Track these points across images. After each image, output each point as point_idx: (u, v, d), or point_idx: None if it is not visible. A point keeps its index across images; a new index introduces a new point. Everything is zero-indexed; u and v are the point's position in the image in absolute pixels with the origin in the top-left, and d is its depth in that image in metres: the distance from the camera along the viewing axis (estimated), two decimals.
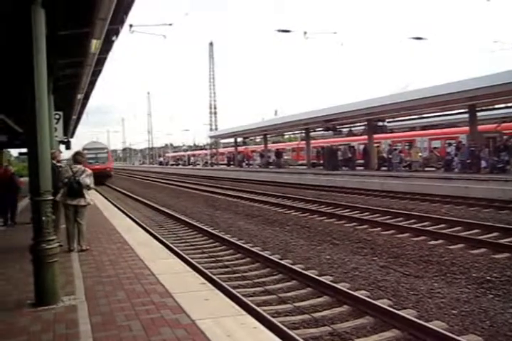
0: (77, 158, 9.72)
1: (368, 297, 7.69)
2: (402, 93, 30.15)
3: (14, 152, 55.51)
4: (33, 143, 5.62)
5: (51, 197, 5.73)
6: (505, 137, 26.56)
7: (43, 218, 5.54)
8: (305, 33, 21.27)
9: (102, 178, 39.60)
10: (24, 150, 33.79)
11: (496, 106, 33.66)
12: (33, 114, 5.54)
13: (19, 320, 5.13)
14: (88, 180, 9.27)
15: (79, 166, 9.38)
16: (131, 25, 20.87)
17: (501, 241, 11.66)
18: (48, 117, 5.98)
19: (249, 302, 7.30)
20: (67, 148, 28.07)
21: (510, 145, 25.10)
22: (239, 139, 60.65)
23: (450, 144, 29.48)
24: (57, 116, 16.21)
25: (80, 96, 18.44)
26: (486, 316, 6.92)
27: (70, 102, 19.45)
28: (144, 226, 15.13)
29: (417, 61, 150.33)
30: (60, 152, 19.52)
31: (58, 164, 10.60)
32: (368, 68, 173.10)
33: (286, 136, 72.80)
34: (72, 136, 40.85)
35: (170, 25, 23.15)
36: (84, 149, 39.04)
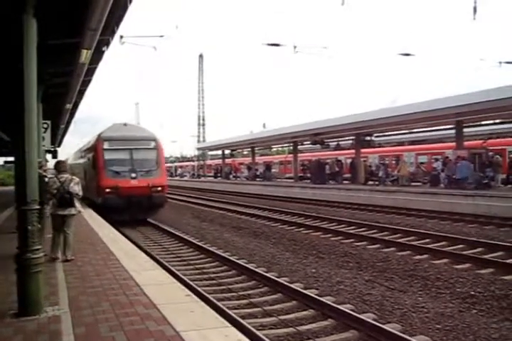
0: (60, 166, 9.63)
1: (353, 311, 7.71)
2: (389, 108, 30.36)
3: (0, 160, 53.12)
4: (20, 152, 5.60)
5: (37, 207, 5.70)
6: (490, 153, 26.80)
7: (29, 227, 5.50)
8: (295, 47, 21.44)
9: (145, 210, 19.56)
10: (11, 158, 33.50)
11: (483, 122, 33.98)
12: (22, 123, 5.53)
13: (1, 331, 5.06)
14: (77, 188, 9.21)
15: (65, 175, 9.32)
16: (121, 36, 20.87)
17: (486, 256, 11.75)
18: (36, 126, 5.96)
19: (234, 315, 7.28)
20: (54, 157, 27.82)
21: (496, 161, 25.33)
22: (226, 151, 60.63)
23: (437, 159, 29.66)
24: (45, 125, 16.13)
25: (68, 106, 18.37)
26: (469, 331, 6.96)
27: (59, 111, 19.38)
28: (130, 237, 15.04)
29: (405, 76, 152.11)
30: (47, 161, 19.46)
31: (44, 174, 10.55)
32: (357, 82, 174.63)
33: (274, 149, 72.92)
34: (59, 145, 40.57)
35: (161, 37, 23.28)
36: (105, 140, 19.86)
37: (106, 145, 19.78)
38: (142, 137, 20.60)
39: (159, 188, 19.43)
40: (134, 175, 19.18)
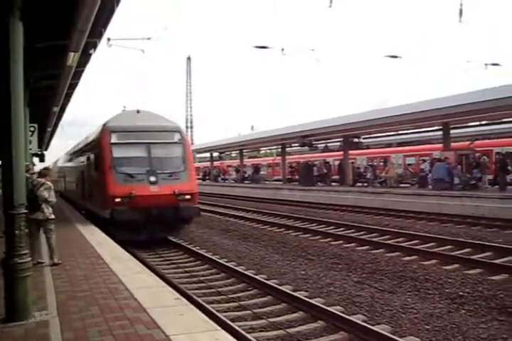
0: (43, 172, 9.73)
1: (343, 312, 7.71)
2: (377, 110, 30.48)
3: None
4: (7, 155, 5.55)
5: (25, 211, 5.66)
6: (477, 154, 26.98)
7: (16, 232, 5.44)
8: (282, 49, 21.51)
9: (168, 226, 15.10)
10: None
11: (469, 124, 34.23)
12: (9, 126, 5.48)
13: None
14: (46, 194, 9.07)
15: (40, 179, 9.27)
16: (109, 39, 20.76)
17: (474, 257, 11.83)
18: (23, 129, 5.92)
19: (223, 318, 7.26)
20: (41, 160, 27.60)
21: (482, 162, 25.52)
22: (215, 154, 60.53)
23: (424, 161, 29.80)
24: (32, 129, 16.04)
25: (55, 109, 18.30)
26: (458, 331, 7.00)
27: (46, 114, 19.30)
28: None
29: (394, 78, 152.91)
30: (34, 165, 19.28)
31: (31, 177, 10.48)
32: (346, 85, 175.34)
33: (262, 152, 72.95)
34: (46, 149, 40.32)
35: (148, 39, 23.15)
36: (113, 132, 15.12)
37: (114, 139, 14.90)
38: (163, 127, 15.77)
39: (188, 196, 14.78)
40: (153, 178, 14.44)
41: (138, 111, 16.23)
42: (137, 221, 13.80)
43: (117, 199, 13.85)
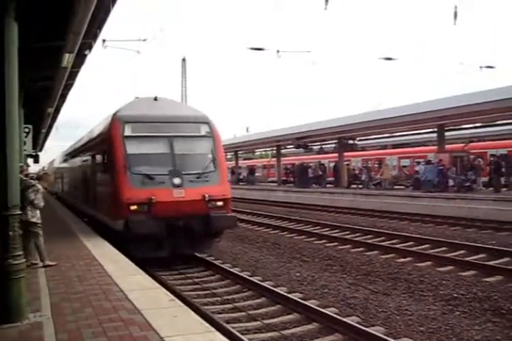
0: (40, 175, 9.58)
1: (337, 314, 7.72)
2: (372, 112, 30.61)
3: None
4: (1, 156, 5.52)
5: (19, 212, 5.63)
6: (472, 156, 27.07)
7: (10, 233, 5.42)
8: (278, 51, 21.51)
9: (196, 240, 11.88)
10: None
11: (464, 126, 34.36)
12: (3, 127, 5.46)
13: None
14: (33, 196, 8.92)
15: (31, 181, 9.18)
16: (104, 40, 20.74)
17: (468, 258, 11.87)
18: (17, 130, 5.90)
19: (218, 320, 7.26)
20: (36, 161, 27.51)
21: (477, 164, 25.60)
22: None
23: (419, 163, 29.87)
24: (26, 130, 16.00)
25: (50, 110, 18.28)
26: (452, 333, 7.02)
27: (40, 115, 19.26)
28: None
29: (389, 80, 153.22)
30: (28, 166, 19.23)
31: (25, 178, 10.45)
32: (341, 87, 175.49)
33: (257, 153, 72.96)
34: (40, 150, 40.22)
35: (144, 40, 23.10)
36: (126, 123, 12.11)
37: (128, 131, 12.04)
38: (188, 117, 12.93)
39: (220, 203, 11.92)
40: (177, 180, 11.59)
41: (156, 99, 13.14)
42: (158, 234, 11.06)
43: (133, 207, 11.15)
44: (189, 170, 11.86)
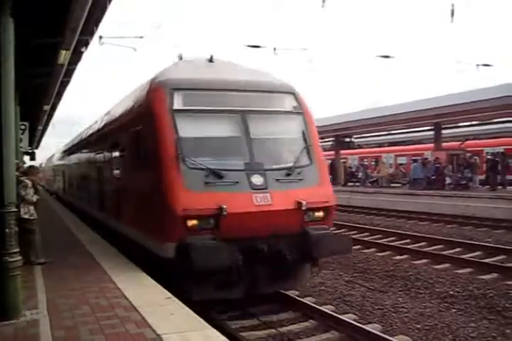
0: (25, 170, 9.61)
1: (334, 311, 7.72)
2: (369, 110, 30.57)
3: None
4: None
5: (15, 209, 5.62)
6: (468, 154, 27.10)
7: (6, 230, 5.40)
8: (274, 49, 21.45)
9: (285, 271, 7.69)
10: None
11: (460, 124, 34.39)
12: None
13: None
14: (23, 192, 8.83)
15: (22, 178, 9.14)
16: (100, 37, 20.67)
17: (464, 256, 11.90)
18: (14, 127, 5.88)
19: (215, 317, 7.24)
20: (32, 159, 27.46)
21: (473, 162, 25.64)
22: None
23: (415, 161, 29.89)
24: (22, 127, 15.96)
25: (46, 107, 18.21)
26: (448, 330, 7.04)
27: (37, 113, 19.19)
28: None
29: (387, 78, 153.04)
30: (24, 163, 19.16)
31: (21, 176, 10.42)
32: (338, 84, 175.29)
33: None
34: (37, 147, 40.09)
35: (141, 37, 23.01)
36: (175, 90, 7.69)
37: (179, 103, 7.87)
38: (265, 85, 8.72)
39: (320, 213, 7.87)
40: (259, 179, 7.50)
41: (211, 60, 9.12)
42: (231, 264, 6.88)
43: (191, 222, 7.08)
44: (274, 164, 7.93)
